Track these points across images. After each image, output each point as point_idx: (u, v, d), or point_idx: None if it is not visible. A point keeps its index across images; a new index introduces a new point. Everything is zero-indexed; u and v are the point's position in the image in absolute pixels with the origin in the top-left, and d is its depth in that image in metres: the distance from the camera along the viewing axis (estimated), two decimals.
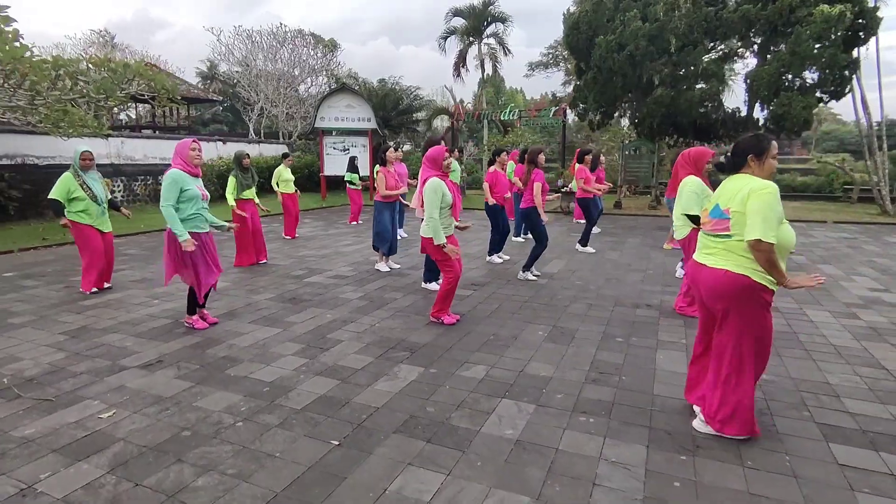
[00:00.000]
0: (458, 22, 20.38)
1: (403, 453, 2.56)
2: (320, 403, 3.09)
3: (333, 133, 17.08)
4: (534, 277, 6.22)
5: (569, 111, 14.81)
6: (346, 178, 11.79)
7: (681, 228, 4.52)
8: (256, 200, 7.20)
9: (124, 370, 3.56)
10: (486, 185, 7.33)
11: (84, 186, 5.39)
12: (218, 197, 15.32)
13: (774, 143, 2.65)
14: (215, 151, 17.42)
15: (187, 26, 67.30)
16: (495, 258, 7.36)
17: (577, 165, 9.08)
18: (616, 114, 14.69)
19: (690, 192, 4.44)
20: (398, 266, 6.87)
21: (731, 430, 2.65)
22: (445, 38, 20.61)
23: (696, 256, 2.81)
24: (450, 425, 2.84)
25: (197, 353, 3.87)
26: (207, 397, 3.16)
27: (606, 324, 4.58)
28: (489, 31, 20.21)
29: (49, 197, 5.41)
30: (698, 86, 12.28)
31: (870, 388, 3.27)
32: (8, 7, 7.34)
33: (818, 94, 11.99)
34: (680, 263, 6.33)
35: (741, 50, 12.96)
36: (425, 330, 4.43)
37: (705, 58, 12.52)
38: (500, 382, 3.38)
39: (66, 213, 5.41)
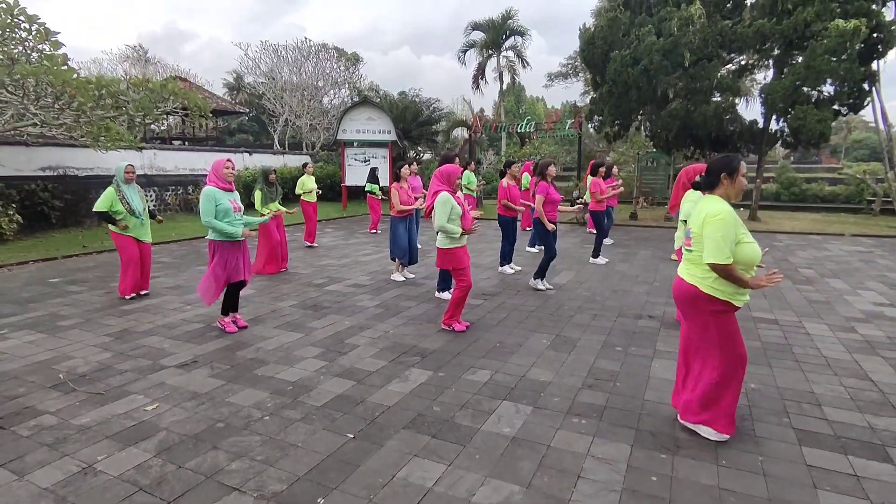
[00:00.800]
0: (478, 35, 20.83)
1: (411, 446, 2.88)
2: (338, 401, 3.42)
3: (355, 144, 17.60)
4: (543, 287, 6.48)
5: (585, 123, 15.01)
6: (366, 189, 12.23)
7: (680, 239, 4.76)
8: (282, 210, 7.65)
9: (164, 369, 3.96)
10: (505, 201, 7.57)
11: (123, 200, 5.86)
12: (246, 205, 15.98)
13: (743, 162, 2.92)
14: (241, 163, 18.10)
15: (214, 37, 69.53)
16: (507, 269, 7.63)
17: (589, 178, 9.32)
18: (632, 126, 14.83)
19: (692, 203, 4.68)
20: (413, 276, 7.20)
21: (690, 419, 2.99)
22: (465, 52, 21.07)
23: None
24: (453, 423, 3.14)
25: (228, 355, 4.25)
26: (238, 394, 3.53)
27: (608, 333, 4.83)
28: (508, 43, 20.58)
29: (95, 210, 5.89)
30: (714, 99, 12.37)
31: (851, 398, 3.47)
32: (58, 33, 7.99)
33: (836, 107, 12.05)
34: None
35: (757, 63, 13.03)
36: (436, 337, 4.74)
37: (721, 71, 12.66)
38: (502, 386, 3.67)
39: (110, 225, 5.91)
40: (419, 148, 22.40)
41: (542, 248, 9.42)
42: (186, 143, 24.45)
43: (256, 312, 5.50)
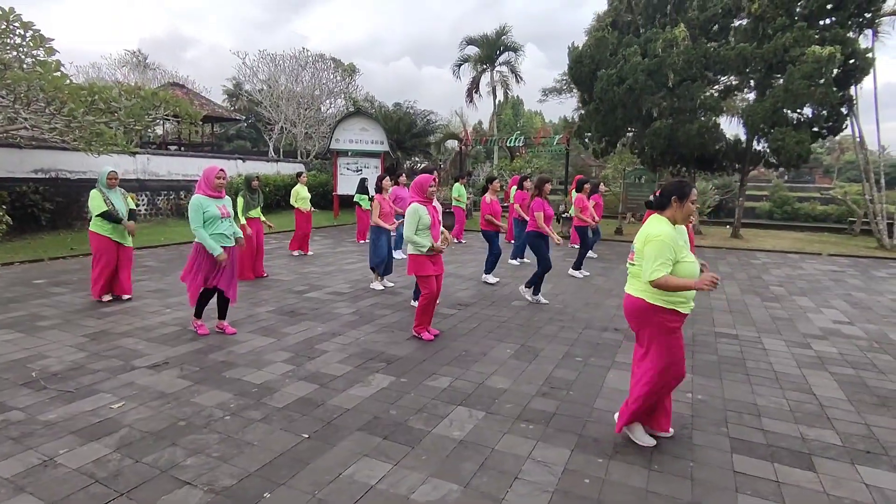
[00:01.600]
0: (472, 50, 21.21)
1: (361, 447, 3.01)
2: (299, 403, 3.56)
3: (349, 154, 17.82)
4: (535, 300, 6.60)
5: (573, 139, 15.29)
6: (354, 199, 12.41)
7: None
8: (262, 219, 7.80)
9: (135, 369, 4.09)
10: (488, 216, 7.77)
11: (107, 202, 6.00)
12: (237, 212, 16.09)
13: (695, 189, 3.10)
14: (235, 169, 18.27)
15: (216, 44, 70.16)
16: (490, 278, 7.79)
17: (574, 193, 9.53)
18: (619, 143, 15.12)
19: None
20: (392, 285, 7.36)
21: (621, 422, 3.12)
22: (459, 66, 21.43)
23: None
24: (406, 426, 3.28)
25: (199, 357, 4.38)
26: (203, 395, 3.66)
27: (571, 344, 4.99)
28: (501, 59, 20.94)
29: (97, 214, 5.99)
30: (700, 119, 12.65)
31: (791, 410, 3.63)
32: (52, 39, 8.18)
33: (816, 129, 12.36)
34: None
35: (740, 85, 13.37)
36: (405, 344, 4.89)
37: (707, 92, 12.96)
38: (459, 392, 3.82)
39: (90, 225, 6.04)
40: (415, 159, 22.65)
41: (524, 261, 9.72)
42: (182, 148, 24.65)
43: (233, 317, 5.62)
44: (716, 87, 13.75)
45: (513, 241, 11.94)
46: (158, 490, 2.55)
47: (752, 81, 12.66)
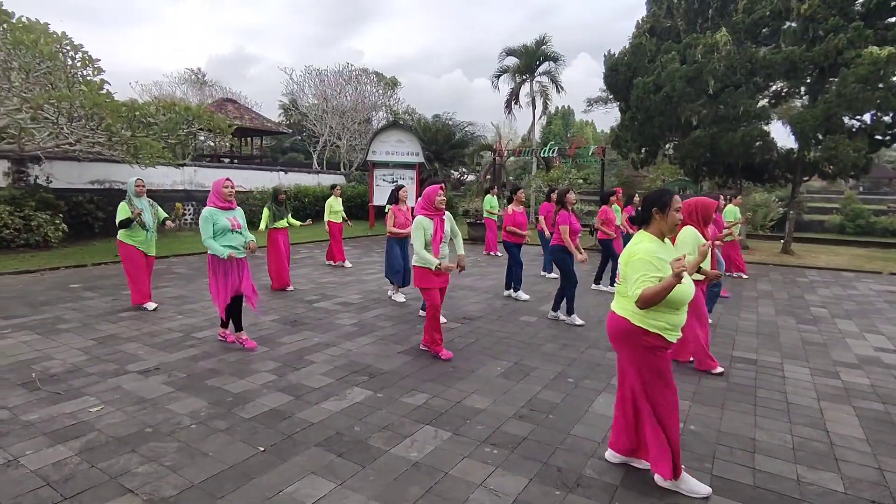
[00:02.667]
0: (511, 61, 21.08)
1: (313, 463, 2.95)
2: (267, 415, 3.55)
3: (390, 165, 18.05)
4: (567, 320, 6.25)
5: (610, 149, 14.82)
6: (385, 209, 12.52)
7: None
8: (290, 224, 7.99)
9: (126, 374, 4.23)
10: (510, 227, 7.55)
11: (133, 211, 6.30)
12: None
13: (677, 197, 2.86)
14: (277, 180, 18.98)
15: (277, 61, 73.49)
16: (521, 295, 7.47)
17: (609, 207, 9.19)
18: (660, 153, 14.53)
19: (681, 242, 4.52)
20: (403, 299, 7.28)
21: (660, 471, 2.80)
22: (499, 77, 21.33)
23: None
24: (365, 444, 3.20)
25: (189, 364, 4.49)
26: (180, 402, 3.72)
27: (569, 364, 4.75)
28: (541, 69, 20.70)
29: (118, 221, 6.32)
30: (745, 127, 11.95)
31: (793, 448, 3.27)
32: (98, 60, 8.79)
33: (879, 137, 11.37)
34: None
35: (790, 91, 12.54)
36: (395, 357, 4.81)
37: (752, 99, 12.25)
38: (432, 410, 3.69)
39: (118, 235, 6.36)
40: (462, 170, 22.61)
41: (555, 275, 9.43)
42: (234, 161, 25.88)
43: None
44: (764, 93, 12.96)
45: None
46: (100, 497, 2.58)
47: (802, 87, 11.83)
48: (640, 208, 2.96)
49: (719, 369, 4.55)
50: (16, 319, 5.77)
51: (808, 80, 11.30)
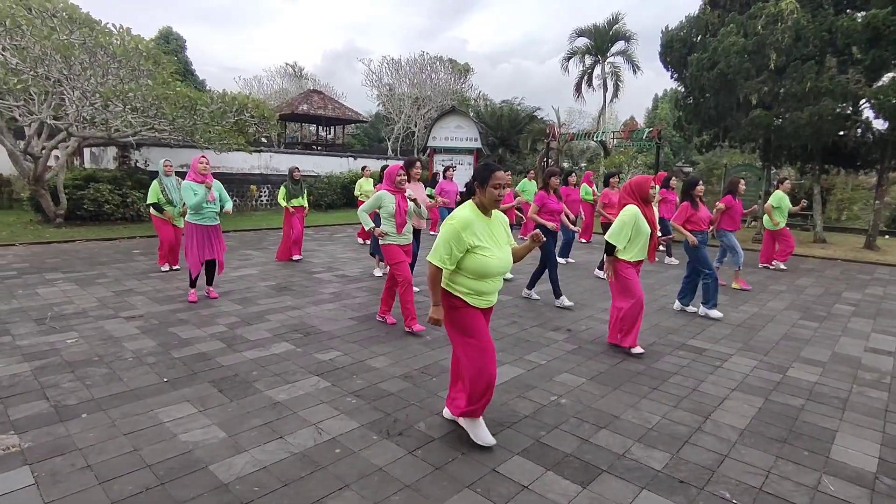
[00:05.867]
0: (582, 42, 20.32)
1: (193, 394, 3.47)
2: (193, 357, 4.15)
3: (458, 152, 18.39)
4: (526, 295, 6.46)
5: (669, 130, 13.88)
6: (427, 193, 12.97)
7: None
8: (305, 205, 8.73)
9: (115, 318, 5.11)
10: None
11: (164, 192, 7.35)
12: (342, 204, 17.81)
13: (497, 173, 2.93)
14: (346, 166, 20.20)
15: (385, 53, 76.70)
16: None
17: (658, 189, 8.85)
18: (727, 136, 13.35)
19: (620, 221, 4.48)
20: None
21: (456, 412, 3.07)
22: (569, 59, 20.67)
23: None
24: (250, 384, 3.66)
25: (168, 315, 5.28)
26: (136, 341, 4.47)
27: (499, 339, 4.84)
28: (614, 49, 19.71)
29: (147, 203, 7.48)
30: (811, 106, 10.66)
31: (652, 429, 3.19)
32: (166, 55, 10.09)
33: None
34: (678, 296, 6.07)
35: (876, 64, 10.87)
36: (342, 321, 5.24)
37: (828, 74, 10.83)
38: (330, 364, 4.06)
39: (151, 210, 7.47)
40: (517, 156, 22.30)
41: (569, 260, 9.27)
42: (319, 148, 27.83)
43: (234, 286, 6.54)
44: (850, 68, 11.39)
45: (584, 241, 11.46)
46: (24, 400, 3.31)
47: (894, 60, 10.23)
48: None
49: (639, 350, 4.43)
50: (70, 273, 7.05)
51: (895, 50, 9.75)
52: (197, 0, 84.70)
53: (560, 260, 9.32)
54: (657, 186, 4.64)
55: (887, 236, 14.33)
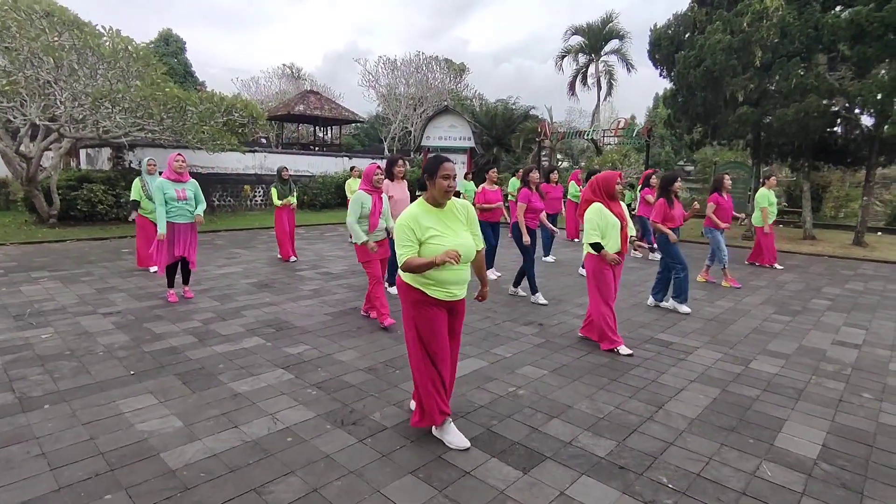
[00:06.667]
0: (576, 40, 20.36)
1: (156, 386, 3.54)
2: (163, 351, 4.22)
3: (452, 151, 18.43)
4: (513, 293, 6.51)
5: (658, 129, 13.92)
6: (416, 193, 13.05)
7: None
8: (293, 204, 8.79)
9: (93, 314, 5.19)
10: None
11: (145, 188, 7.43)
12: (336, 204, 17.87)
13: (445, 164, 2.98)
14: (342, 165, 20.29)
15: (387, 54, 76.79)
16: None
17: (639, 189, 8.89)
18: (716, 133, 13.38)
19: (587, 218, 4.53)
20: None
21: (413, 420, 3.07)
22: (563, 57, 20.70)
23: None
24: (214, 377, 3.73)
25: (144, 311, 5.35)
26: (109, 336, 4.55)
27: (469, 333, 4.89)
28: (607, 48, 19.76)
29: (130, 199, 7.55)
30: (797, 102, 10.69)
31: (587, 418, 3.25)
32: (156, 59, 10.18)
33: None
34: (652, 292, 6.12)
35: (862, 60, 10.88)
36: (317, 317, 5.31)
37: (814, 71, 10.85)
38: (296, 358, 4.13)
39: (135, 212, 7.54)
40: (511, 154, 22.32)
41: (555, 258, 9.32)
42: (316, 148, 27.94)
43: (218, 283, 6.62)
44: (840, 64, 11.41)
45: (575, 240, 11.48)
46: None
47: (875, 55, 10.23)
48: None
49: (626, 350, 4.45)
50: (57, 272, 7.14)
51: (878, 47, 9.75)
52: (203, 2, 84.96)
53: (547, 258, 9.39)
54: (622, 183, 4.66)
55: (880, 233, 14.34)
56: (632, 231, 4.74)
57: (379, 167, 5.47)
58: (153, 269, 7.45)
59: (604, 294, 4.50)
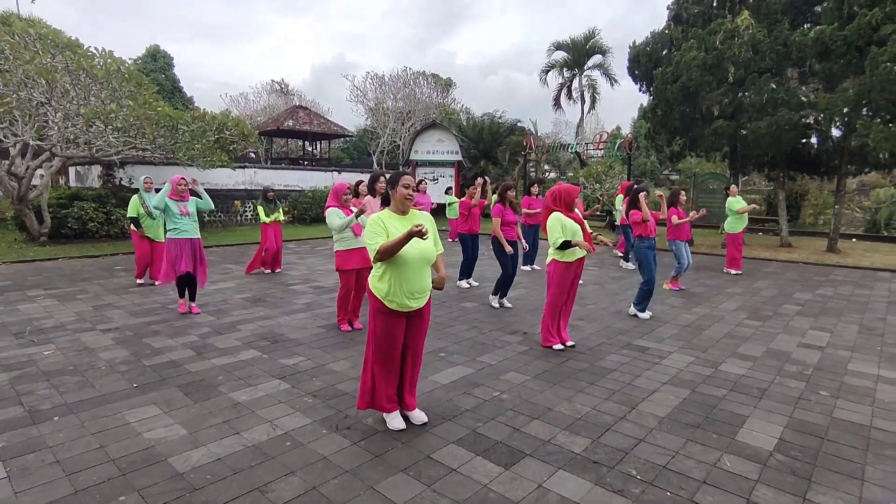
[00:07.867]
0: (560, 55, 20.90)
1: (160, 398, 3.73)
2: (164, 364, 4.41)
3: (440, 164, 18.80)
4: (498, 305, 6.74)
5: (641, 141, 14.36)
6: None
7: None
8: (281, 219, 9.01)
9: (92, 331, 5.35)
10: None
11: (144, 205, 7.62)
12: (312, 220, 18.06)
13: (405, 177, 3.25)
14: (330, 180, 20.53)
15: (374, 66, 77.52)
16: (463, 283, 8.03)
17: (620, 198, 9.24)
18: (694, 146, 13.85)
19: (550, 227, 4.85)
20: None
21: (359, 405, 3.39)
22: (547, 72, 21.23)
23: None
24: (214, 388, 3.93)
25: (142, 327, 5.53)
26: (110, 351, 4.72)
27: (457, 342, 5.15)
28: (590, 62, 20.31)
29: (127, 217, 7.74)
30: (769, 115, 11.17)
31: (580, 419, 3.50)
32: (147, 78, 10.41)
33: None
34: (634, 302, 6.38)
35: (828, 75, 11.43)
36: (310, 329, 5.52)
37: (784, 86, 11.36)
38: (293, 369, 4.34)
39: (131, 227, 7.73)
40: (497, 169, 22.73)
41: (536, 268, 9.61)
42: (306, 163, 28.16)
43: (210, 300, 6.80)
44: (810, 79, 11.95)
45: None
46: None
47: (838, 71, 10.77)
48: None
49: (558, 345, 4.93)
50: (52, 290, 7.27)
51: (841, 63, 10.27)
52: (190, 17, 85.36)
53: (525, 267, 9.65)
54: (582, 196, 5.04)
55: (854, 239, 14.85)
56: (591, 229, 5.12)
57: (349, 186, 5.74)
58: (140, 280, 7.64)
59: (557, 300, 4.87)
